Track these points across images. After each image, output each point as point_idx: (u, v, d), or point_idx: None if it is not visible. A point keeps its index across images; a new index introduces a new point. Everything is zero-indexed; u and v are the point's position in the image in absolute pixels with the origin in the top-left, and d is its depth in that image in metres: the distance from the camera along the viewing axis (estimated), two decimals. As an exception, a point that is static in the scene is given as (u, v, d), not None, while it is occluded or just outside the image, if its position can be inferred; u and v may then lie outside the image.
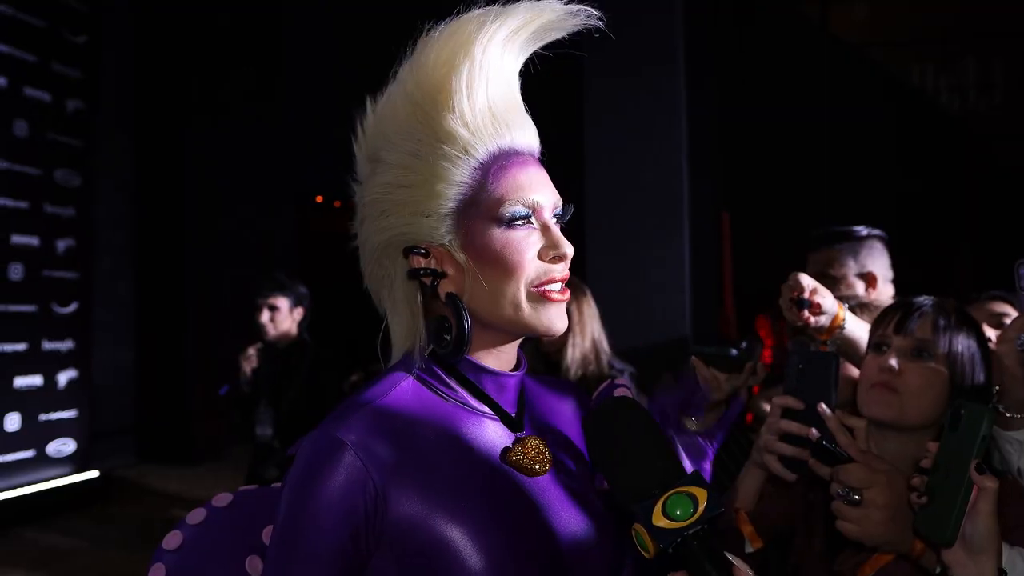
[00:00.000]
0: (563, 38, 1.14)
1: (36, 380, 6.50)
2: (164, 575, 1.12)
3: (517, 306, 1.04)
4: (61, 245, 6.71)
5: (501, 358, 1.11)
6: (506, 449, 1.07)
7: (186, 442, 8.13)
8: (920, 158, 10.55)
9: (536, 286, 1.05)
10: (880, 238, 2.67)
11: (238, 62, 8.55)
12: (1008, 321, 2.37)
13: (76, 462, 6.75)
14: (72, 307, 6.82)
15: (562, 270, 1.07)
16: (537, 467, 1.07)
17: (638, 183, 4.66)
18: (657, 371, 3.67)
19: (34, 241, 6.48)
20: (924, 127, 11.05)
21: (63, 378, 6.72)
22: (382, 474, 0.98)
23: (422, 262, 1.07)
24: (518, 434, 1.10)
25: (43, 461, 6.50)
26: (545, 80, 1.20)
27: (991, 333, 1.72)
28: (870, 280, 2.58)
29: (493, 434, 1.08)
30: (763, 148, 7.98)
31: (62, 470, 6.64)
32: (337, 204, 11.09)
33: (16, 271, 6.32)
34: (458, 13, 1.09)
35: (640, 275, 4.61)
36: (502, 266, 1.04)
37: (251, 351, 4.11)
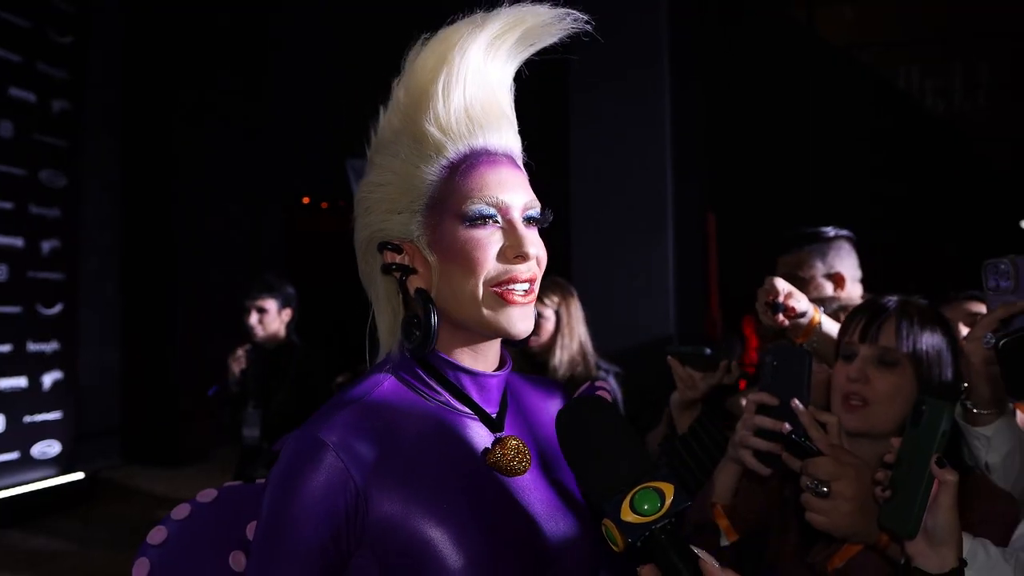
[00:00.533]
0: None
1: (21, 381, 6.47)
2: (148, 570, 1.13)
3: (476, 305, 1.06)
4: (46, 246, 6.68)
5: (479, 358, 1.12)
6: (486, 450, 1.09)
7: (172, 443, 8.11)
8: (906, 160, 10.61)
9: (495, 286, 1.06)
10: (848, 238, 2.70)
11: (225, 63, 8.55)
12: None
13: (61, 464, 6.73)
14: (57, 308, 6.80)
15: (526, 271, 1.07)
16: (517, 467, 1.09)
17: (623, 185, 4.68)
18: (642, 372, 3.69)
19: (19, 242, 6.45)
20: (910, 129, 11.12)
21: (48, 379, 6.69)
22: (363, 475, 1.00)
23: (395, 258, 1.10)
24: (498, 434, 1.11)
25: (28, 463, 6.48)
26: (530, 83, 1.22)
27: (967, 332, 1.75)
28: (838, 280, 2.61)
29: (474, 434, 1.10)
30: (749, 149, 8.03)
31: (47, 472, 6.61)
32: (324, 205, 11.09)
33: (1, 272, 6.30)
34: (450, 21, 1.12)
35: (625, 277, 4.63)
36: (462, 263, 1.05)
37: (240, 352, 4.13)
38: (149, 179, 8.30)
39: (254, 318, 4.07)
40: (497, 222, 1.07)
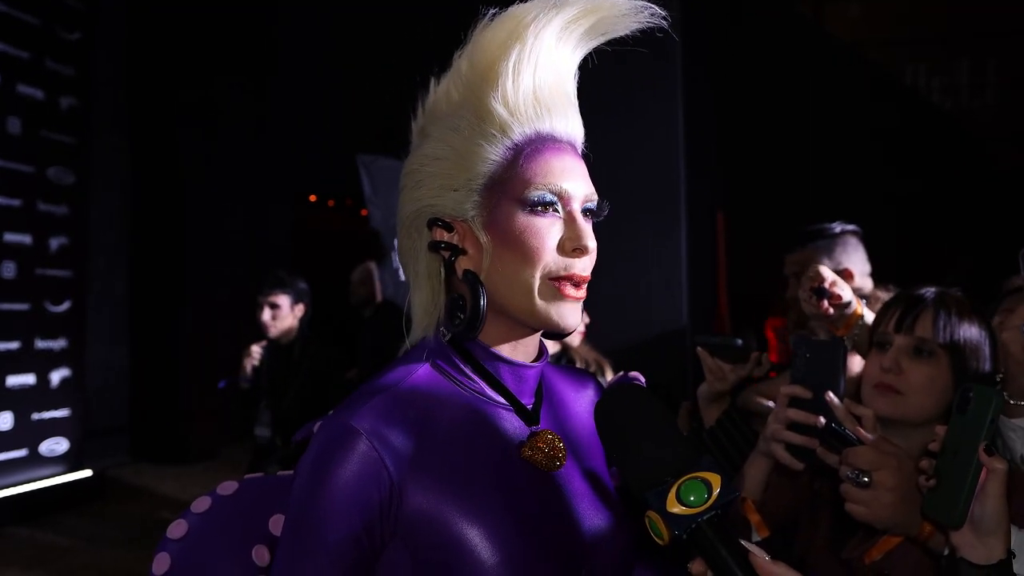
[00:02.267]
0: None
1: (29, 379, 6.46)
2: (169, 564, 1.10)
3: (530, 295, 1.03)
4: (54, 243, 6.67)
5: (519, 348, 1.09)
6: (521, 443, 1.06)
7: (180, 441, 8.10)
8: (914, 158, 10.57)
9: (552, 279, 1.03)
10: (854, 233, 2.68)
11: (232, 60, 8.53)
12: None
13: (69, 461, 6.71)
14: (65, 305, 6.79)
15: (582, 268, 1.04)
16: (553, 462, 1.06)
17: (635, 182, 4.66)
18: (655, 367, 3.68)
19: (27, 239, 6.44)
20: (918, 126, 11.09)
21: (56, 377, 6.68)
22: (397, 465, 0.96)
23: (444, 235, 1.06)
24: (533, 428, 1.08)
25: (36, 460, 6.46)
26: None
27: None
28: (846, 276, 2.59)
29: (509, 427, 1.07)
30: (756, 147, 8.00)
31: (55, 469, 6.60)
32: (331, 203, 11.09)
33: (9, 269, 6.28)
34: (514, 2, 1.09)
35: (638, 273, 4.61)
36: (520, 250, 1.02)
37: (255, 348, 4.08)
38: (157, 177, 8.29)
39: (267, 314, 4.02)
40: (557, 211, 1.03)
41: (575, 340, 3.49)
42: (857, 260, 2.66)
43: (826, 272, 1.74)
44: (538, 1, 1.08)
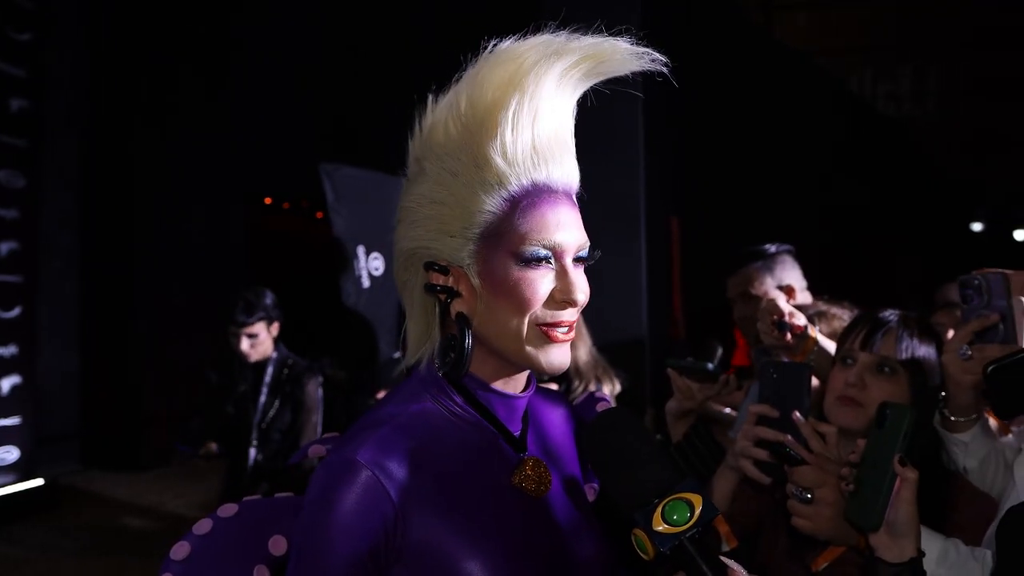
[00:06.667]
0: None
1: (-21, 386, 6.34)
2: None
3: (519, 341, 1.07)
4: (4, 248, 6.55)
5: (510, 382, 1.14)
6: (512, 471, 1.12)
7: (133, 447, 8.00)
8: (861, 164, 10.84)
9: (540, 325, 1.07)
10: (788, 252, 2.80)
11: (187, 63, 8.45)
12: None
13: (20, 470, 6.59)
14: (16, 311, 6.66)
15: (570, 315, 1.08)
16: (540, 487, 1.12)
17: (594, 189, 4.72)
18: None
19: (-23, 244, 6.32)
20: (865, 133, 11.35)
21: (7, 384, 6.56)
22: (399, 494, 1.01)
23: (440, 279, 1.09)
24: (522, 455, 1.14)
25: (-14, 469, 6.35)
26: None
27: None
28: (789, 292, 2.70)
29: (501, 454, 1.12)
30: (710, 153, 8.14)
31: (6, 479, 6.47)
32: (286, 205, 11.02)
33: (-42, 275, 6.16)
34: (524, 33, 1.09)
35: (597, 278, 4.68)
36: (512, 301, 1.05)
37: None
38: (110, 179, 8.17)
39: (245, 344, 3.84)
40: (550, 263, 1.06)
41: (583, 356, 3.45)
42: (795, 277, 2.78)
43: (783, 305, 1.85)
44: (540, 42, 1.09)
